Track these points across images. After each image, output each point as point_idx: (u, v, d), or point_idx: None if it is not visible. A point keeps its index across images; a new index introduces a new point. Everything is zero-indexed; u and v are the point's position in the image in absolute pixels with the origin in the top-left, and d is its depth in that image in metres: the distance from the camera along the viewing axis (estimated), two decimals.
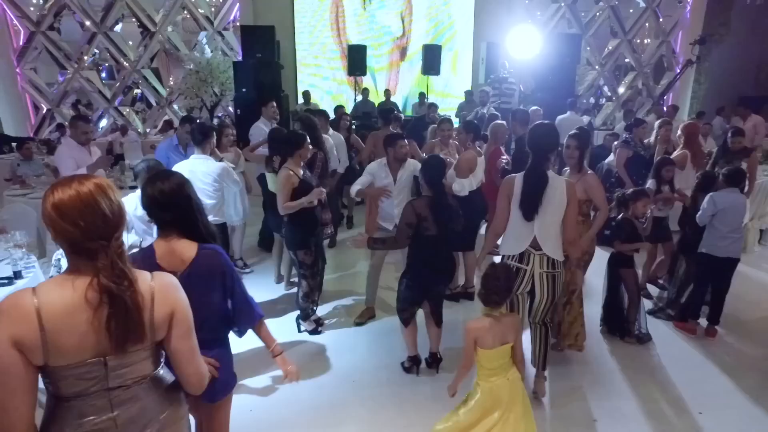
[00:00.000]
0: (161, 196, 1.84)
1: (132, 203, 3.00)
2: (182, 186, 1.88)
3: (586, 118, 9.05)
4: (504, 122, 5.03)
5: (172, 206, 1.84)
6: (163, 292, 1.37)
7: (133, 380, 1.35)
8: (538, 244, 2.87)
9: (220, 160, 4.23)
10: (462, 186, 4.05)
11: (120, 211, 1.31)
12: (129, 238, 2.98)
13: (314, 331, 3.93)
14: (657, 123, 5.51)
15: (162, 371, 1.46)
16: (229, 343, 2.04)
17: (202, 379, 1.49)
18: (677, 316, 4.15)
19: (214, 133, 4.10)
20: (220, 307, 1.91)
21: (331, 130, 5.65)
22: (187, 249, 1.84)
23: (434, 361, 3.43)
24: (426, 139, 5.76)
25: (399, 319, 3.32)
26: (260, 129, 5.58)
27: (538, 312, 3.04)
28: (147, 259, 1.82)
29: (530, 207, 2.82)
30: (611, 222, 3.85)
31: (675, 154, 4.83)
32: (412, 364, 3.43)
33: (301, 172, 3.65)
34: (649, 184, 4.39)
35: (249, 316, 1.98)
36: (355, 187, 4.02)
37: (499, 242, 3.13)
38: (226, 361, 1.99)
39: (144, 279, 1.36)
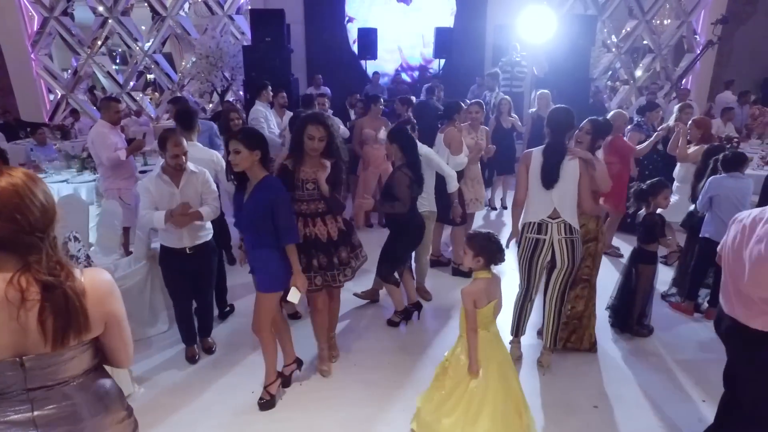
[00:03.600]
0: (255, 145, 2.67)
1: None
2: (263, 136, 2.75)
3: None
4: (625, 112, 5.00)
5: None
6: (96, 290, 1.29)
7: (59, 381, 1.29)
8: (556, 213, 3.02)
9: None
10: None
11: (53, 202, 1.25)
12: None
13: None
14: (677, 107, 5.38)
15: (97, 372, 1.40)
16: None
17: (130, 353, 1.44)
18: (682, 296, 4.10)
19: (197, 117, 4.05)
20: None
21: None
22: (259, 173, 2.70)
23: (418, 308, 3.96)
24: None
25: (387, 279, 3.75)
26: (259, 111, 5.78)
27: (557, 282, 3.11)
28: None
29: (550, 176, 2.99)
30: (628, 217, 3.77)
31: (691, 150, 4.61)
32: (402, 317, 3.87)
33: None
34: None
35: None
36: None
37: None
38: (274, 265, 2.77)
39: (76, 274, 1.28)
